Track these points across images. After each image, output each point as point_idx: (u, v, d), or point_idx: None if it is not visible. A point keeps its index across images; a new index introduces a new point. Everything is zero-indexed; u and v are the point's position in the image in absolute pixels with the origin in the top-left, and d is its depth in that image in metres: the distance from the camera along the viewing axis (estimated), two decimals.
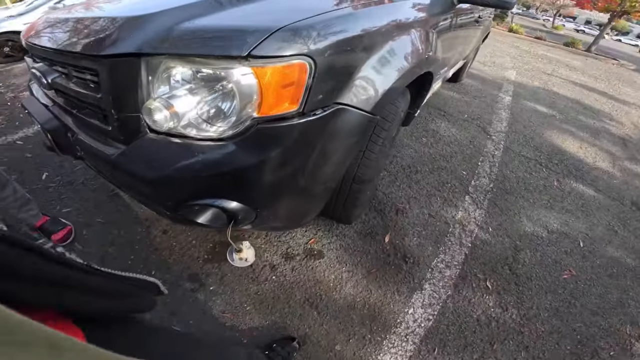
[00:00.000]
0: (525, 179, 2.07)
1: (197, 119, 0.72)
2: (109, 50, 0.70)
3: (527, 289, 1.38)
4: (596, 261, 1.59)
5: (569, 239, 1.69)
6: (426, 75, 1.36)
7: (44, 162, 1.86)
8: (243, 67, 0.62)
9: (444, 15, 1.39)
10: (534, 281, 1.43)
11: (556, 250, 1.61)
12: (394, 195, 1.74)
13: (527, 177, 2.10)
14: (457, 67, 2.80)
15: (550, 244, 1.64)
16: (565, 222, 1.80)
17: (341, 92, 0.75)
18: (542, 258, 1.55)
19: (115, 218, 1.49)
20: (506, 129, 2.64)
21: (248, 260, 1.27)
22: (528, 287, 1.40)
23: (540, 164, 2.26)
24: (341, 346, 1.11)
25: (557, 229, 1.74)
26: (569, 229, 1.76)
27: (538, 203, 1.89)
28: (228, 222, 0.87)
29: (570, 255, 1.60)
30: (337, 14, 0.74)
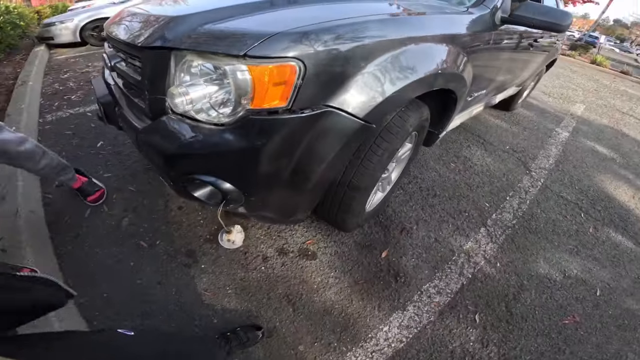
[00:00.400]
0: (557, 221, 1.88)
1: (205, 106, 0.83)
2: (149, 42, 0.85)
3: (518, 329, 1.27)
4: (608, 311, 1.41)
5: (586, 286, 1.52)
6: (448, 94, 1.35)
7: (103, 132, 2.21)
8: (240, 65, 0.72)
9: (479, 34, 1.35)
10: (528, 322, 1.31)
11: (566, 295, 1.45)
12: (403, 214, 1.71)
13: (559, 219, 1.90)
14: (506, 94, 2.65)
15: (562, 288, 1.48)
16: (587, 269, 1.61)
17: (332, 96, 0.81)
18: (547, 301, 1.41)
19: (144, 188, 1.71)
20: (551, 167, 2.41)
21: (235, 243, 1.35)
22: (519, 327, 1.28)
23: (580, 209, 2.03)
24: (305, 347, 1.12)
25: (575, 275, 1.56)
26: (589, 277, 1.57)
27: (563, 247, 1.72)
28: (221, 201, 0.97)
29: (580, 302, 1.43)
30: (335, 24, 0.81)
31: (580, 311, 1.39)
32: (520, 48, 1.96)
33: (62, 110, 2.55)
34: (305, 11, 0.97)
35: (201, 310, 1.18)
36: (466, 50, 1.27)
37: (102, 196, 1.60)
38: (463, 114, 2.00)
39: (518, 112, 3.41)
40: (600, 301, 1.46)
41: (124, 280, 1.24)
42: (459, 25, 1.24)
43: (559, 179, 2.28)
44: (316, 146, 0.86)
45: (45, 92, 2.93)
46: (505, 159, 2.41)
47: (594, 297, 1.47)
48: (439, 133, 1.67)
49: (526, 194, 2.06)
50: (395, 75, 0.90)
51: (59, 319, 1.03)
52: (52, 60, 4.18)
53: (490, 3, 1.45)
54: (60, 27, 5.00)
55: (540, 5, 1.44)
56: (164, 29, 0.86)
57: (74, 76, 3.44)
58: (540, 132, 2.97)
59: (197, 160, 0.87)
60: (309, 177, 0.94)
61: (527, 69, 2.46)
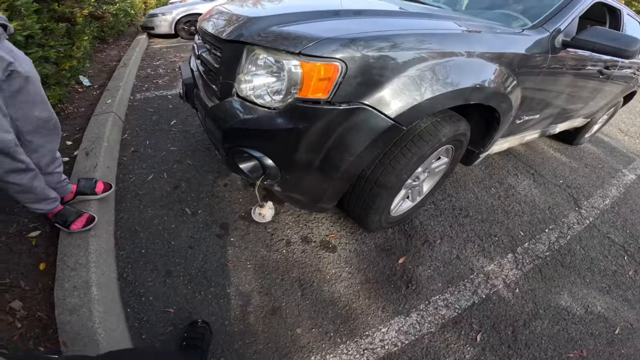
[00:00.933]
0: (595, 259, 1.75)
1: (263, 92, 1.01)
2: (231, 36, 1.06)
3: (517, 355, 1.23)
4: (622, 350, 1.31)
5: (606, 323, 1.42)
6: (491, 113, 1.36)
7: (178, 113, 2.60)
8: (295, 60, 0.88)
9: (531, 56, 1.35)
10: (531, 350, 1.26)
11: (581, 330, 1.37)
12: (430, 228, 1.73)
13: (598, 258, 1.76)
14: (569, 125, 2.47)
15: (580, 322, 1.40)
16: (613, 308, 1.49)
17: (368, 94, 0.93)
18: (559, 332, 1.34)
19: (199, 164, 1.99)
20: (605, 208, 2.19)
21: (265, 217, 1.50)
22: (519, 353, 1.24)
23: (625, 251, 1.83)
24: (302, 331, 1.19)
25: (598, 312, 1.46)
26: (612, 315, 1.46)
27: (594, 285, 1.60)
28: (260, 175, 1.13)
29: (594, 338, 1.34)
30: (378, 34, 0.93)
31: (591, 347, 1.31)
32: (586, 75, 1.85)
33: (149, 92, 3.05)
34: (361, 22, 1.11)
35: (219, 278, 1.32)
36: (514, 71, 1.29)
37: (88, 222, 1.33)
38: (512, 138, 1.94)
39: (583, 147, 3.12)
40: (616, 339, 1.36)
41: (162, 240, 1.45)
42: (507, 45, 1.26)
43: (611, 221, 2.07)
44: (348, 138, 0.98)
45: (139, 75, 3.51)
46: (554, 192, 2.25)
47: (610, 335, 1.37)
48: (479, 153, 1.66)
49: (569, 229, 1.93)
50: (429, 84, 0.99)
51: (98, 267, 1.21)
52: (149, 48, 4.94)
53: (551, 26, 1.44)
54: (161, 18, 5.70)
55: (607, 31, 1.40)
56: (241, 27, 1.06)
57: (164, 64, 4.04)
58: (603, 171, 2.70)
59: (249, 136, 1.05)
60: (339, 165, 1.06)
61: (597, 100, 2.27)
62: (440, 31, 1.12)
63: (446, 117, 1.23)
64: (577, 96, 1.98)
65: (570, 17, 1.51)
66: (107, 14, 4.26)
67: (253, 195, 1.75)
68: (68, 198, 1.42)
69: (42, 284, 1.16)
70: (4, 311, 1.05)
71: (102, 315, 1.06)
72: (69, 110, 2.35)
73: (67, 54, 2.58)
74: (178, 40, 5.75)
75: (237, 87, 1.06)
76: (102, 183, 1.54)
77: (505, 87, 1.26)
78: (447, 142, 1.28)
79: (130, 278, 1.28)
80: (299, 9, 1.22)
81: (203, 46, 1.39)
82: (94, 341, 0.98)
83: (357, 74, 0.89)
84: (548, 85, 1.60)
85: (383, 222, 1.47)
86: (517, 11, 1.66)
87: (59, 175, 1.35)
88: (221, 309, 1.21)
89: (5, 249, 1.23)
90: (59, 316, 1.04)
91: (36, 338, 1.01)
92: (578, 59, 1.67)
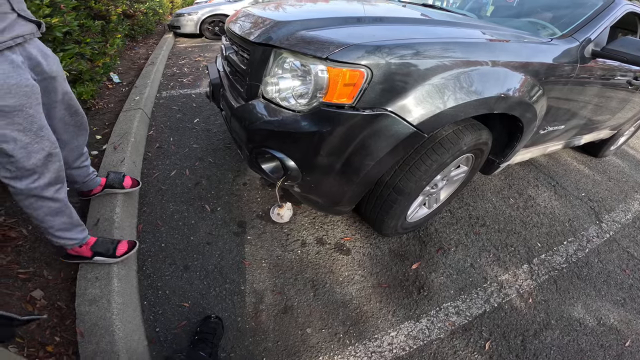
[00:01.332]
0: (613, 273, 1.70)
1: (288, 95, 1.04)
2: (259, 39, 1.10)
3: None
4: None
5: (617, 335, 1.39)
6: (515, 122, 1.35)
7: (200, 112, 2.68)
8: (321, 65, 0.91)
9: (559, 66, 1.33)
10: None
11: (592, 341, 1.34)
12: (445, 235, 1.72)
13: (615, 272, 1.71)
14: (595, 136, 2.40)
15: (591, 334, 1.38)
16: (627, 320, 1.46)
17: (391, 101, 0.95)
18: (569, 343, 1.32)
19: (220, 162, 2.05)
20: (627, 222, 2.11)
21: (283, 218, 1.52)
22: None
23: None
24: (312, 331, 1.20)
25: (611, 324, 1.43)
26: (625, 328, 1.42)
27: (609, 297, 1.56)
28: (282, 176, 1.16)
29: (604, 350, 1.32)
30: (403, 42, 0.95)
31: (600, 359, 1.29)
32: (614, 85, 1.80)
33: (174, 90, 3.15)
34: (384, 29, 1.13)
35: (235, 275, 1.35)
36: (541, 81, 1.27)
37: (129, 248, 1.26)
38: (534, 148, 1.90)
39: (608, 159, 3.01)
40: (626, 352, 1.33)
41: (181, 235, 1.50)
42: (533, 55, 1.25)
43: (631, 235, 2.01)
44: (370, 143, 1.00)
45: (165, 73, 3.64)
46: (575, 205, 2.19)
47: (620, 347, 1.35)
48: (499, 162, 1.64)
49: (588, 242, 1.88)
50: (452, 92, 0.99)
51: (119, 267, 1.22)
52: (175, 47, 5.10)
53: (581, 35, 1.42)
54: (187, 18, 5.85)
55: (638, 41, 1.36)
56: (269, 30, 1.10)
57: (189, 63, 4.17)
58: (627, 185, 2.60)
59: (273, 137, 1.08)
60: (359, 169, 1.08)
61: (624, 111, 2.20)
62: (465, 40, 1.12)
63: (468, 126, 1.22)
64: (604, 107, 1.93)
65: (602, 27, 1.49)
66: (138, 13, 4.41)
67: (271, 195, 1.79)
68: (97, 190, 1.45)
69: (65, 274, 1.20)
70: (24, 300, 1.07)
71: (120, 306, 1.08)
72: (100, 106, 2.46)
73: (101, 51, 2.68)
74: (202, 40, 5.91)
75: (264, 89, 1.10)
76: (130, 178, 1.57)
77: (530, 97, 1.25)
78: (468, 150, 1.27)
79: (149, 271, 1.33)
80: (324, 15, 1.25)
81: (230, 47, 1.43)
82: (110, 332, 1.01)
83: (382, 81, 0.91)
84: (575, 95, 1.57)
85: (399, 227, 1.47)
86: (546, 20, 1.65)
87: (86, 168, 1.37)
88: (234, 306, 1.24)
89: (32, 238, 1.29)
90: (79, 306, 1.07)
91: (53, 328, 1.03)
92: (607, 69, 1.63)
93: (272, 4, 1.64)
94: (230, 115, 1.26)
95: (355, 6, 1.55)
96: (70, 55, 2.00)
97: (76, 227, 1.11)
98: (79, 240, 1.12)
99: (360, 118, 0.95)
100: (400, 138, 0.99)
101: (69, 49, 2.02)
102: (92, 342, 0.99)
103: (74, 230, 1.10)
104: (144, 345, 1.07)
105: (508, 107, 1.19)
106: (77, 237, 1.11)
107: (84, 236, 1.14)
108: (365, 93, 0.91)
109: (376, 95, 0.93)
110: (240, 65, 1.26)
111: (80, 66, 2.10)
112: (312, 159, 1.06)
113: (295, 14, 1.36)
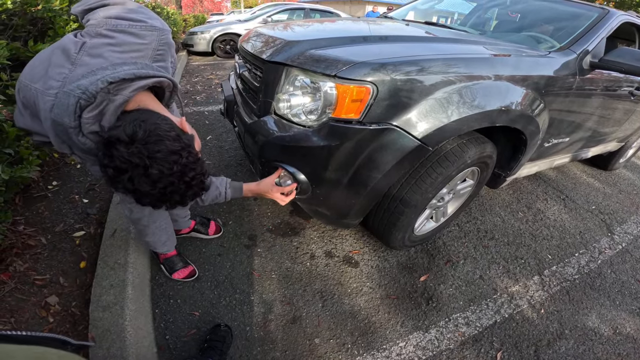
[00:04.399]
0: (627, 283, 1.67)
1: (299, 111, 1.10)
2: (271, 58, 1.17)
3: None
4: None
5: (635, 344, 1.35)
6: (519, 135, 1.37)
7: (214, 129, 2.78)
8: (330, 82, 0.97)
9: (558, 79, 1.36)
10: None
11: (608, 350, 1.31)
12: (453, 249, 1.72)
13: (630, 282, 1.68)
14: (603, 149, 2.40)
15: (607, 343, 1.34)
16: None
17: (396, 116, 0.99)
18: (584, 352, 1.29)
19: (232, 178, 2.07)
20: (639, 234, 2.07)
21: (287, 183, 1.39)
22: None
23: None
24: (320, 341, 1.21)
25: (627, 333, 1.40)
26: None
27: (624, 307, 1.53)
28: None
29: (622, 358, 1.29)
30: (407, 59, 1.00)
31: None
32: (617, 96, 1.81)
33: (188, 107, 3.29)
34: (390, 47, 1.19)
35: (245, 286, 1.37)
36: (541, 93, 1.30)
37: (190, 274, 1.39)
38: (541, 162, 1.91)
39: (618, 172, 2.98)
40: None
41: (193, 247, 1.54)
42: (532, 68, 1.28)
43: None
44: (377, 156, 1.04)
45: (179, 90, 3.80)
46: (586, 218, 2.16)
47: (639, 355, 1.31)
48: (506, 176, 1.66)
49: (600, 254, 1.85)
50: (455, 107, 1.04)
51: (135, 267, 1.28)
52: (189, 65, 5.33)
53: (578, 47, 1.44)
54: (200, 36, 6.04)
55: (635, 51, 1.40)
56: (281, 49, 1.17)
57: (202, 81, 4.35)
58: (638, 197, 2.57)
59: (284, 152, 1.13)
60: (367, 182, 1.11)
61: (630, 122, 2.19)
62: (466, 55, 1.17)
63: (472, 139, 1.25)
64: (608, 119, 1.94)
65: (598, 38, 1.52)
66: None
67: (281, 210, 1.83)
68: (185, 231, 1.53)
69: (80, 282, 1.24)
70: (39, 305, 1.11)
71: (132, 313, 1.11)
72: None
73: None
74: (214, 58, 6.12)
75: (276, 105, 1.16)
76: (215, 225, 1.62)
77: (532, 110, 1.28)
78: (473, 163, 1.30)
79: (161, 280, 1.36)
80: (332, 34, 1.33)
81: (244, 66, 1.51)
82: (121, 338, 1.03)
83: (387, 97, 0.96)
84: (577, 107, 1.59)
85: (406, 240, 1.48)
86: (545, 33, 1.69)
87: (185, 209, 1.43)
88: (244, 315, 1.26)
89: (49, 246, 1.33)
90: (92, 312, 1.10)
91: (65, 333, 1.05)
92: (607, 80, 1.65)
93: (281, 25, 1.74)
94: (243, 131, 1.31)
95: (361, 26, 1.63)
96: None
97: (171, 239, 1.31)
98: (166, 250, 1.34)
99: (367, 132, 0.99)
100: (405, 151, 1.03)
101: None
102: (103, 347, 1.01)
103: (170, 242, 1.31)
104: (153, 351, 1.09)
105: (510, 120, 1.22)
106: (162, 249, 1.32)
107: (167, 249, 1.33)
108: (372, 108, 0.96)
109: (382, 111, 0.97)
110: (254, 82, 1.33)
111: None
112: (321, 172, 1.10)
113: (304, 33, 1.44)
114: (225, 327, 1.18)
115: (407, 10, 2.42)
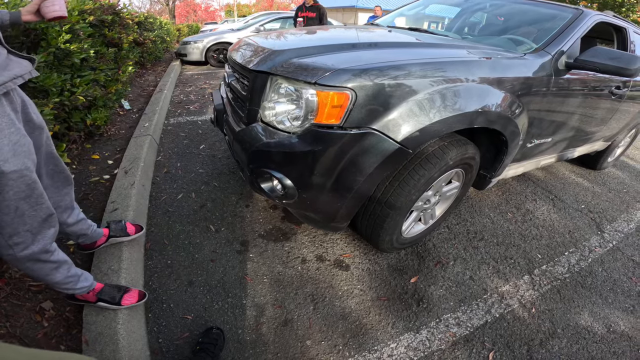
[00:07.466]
0: (618, 281, 1.69)
1: (284, 118, 1.14)
2: (257, 67, 1.22)
3: None
4: None
5: (630, 342, 1.36)
6: (499, 136, 1.41)
7: (207, 138, 2.81)
8: (311, 89, 1.01)
9: (533, 80, 1.38)
10: None
11: (603, 349, 1.32)
12: (443, 250, 1.74)
13: (621, 279, 1.70)
14: (589, 149, 2.43)
15: (601, 341, 1.35)
16: (638, 327, 1.44)
17: (376, 120, 1.03)
18: (578, 351, 1.30)
19: (224, 186, 2.14)
20: (630, 231, 2.10)
21: None
22: None
23: None
24: (311, 343, 1.22)
25: (622, 331, 1.41)
26: (636, 334, 1.41)
27: (617, 305, 1.55)
28: (280, 194, 1.23)
29: (617, 357, 1.30)
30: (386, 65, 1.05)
31: None
32: (596, 96, 1.84)
33: (182, 117, 3.33)
34: (374, 53, 1.24)
35: (237, 290, 1.39)
36: (518, 95, 1.33)
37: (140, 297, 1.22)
38: (526, 162, 1.95)
39: (607, 171, 3.02)
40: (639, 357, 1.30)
41: (187, 253, 1.56)
42: (507, 70, 1.31)
43: (636, 244, 2.01)
44: (358, 160, 1.08)
45: (173, 100, 3.84)
46: (575, 217, 2.20)
47: (635, 353, 1.32)
48: (491, 177, 1.69)
49: (590, 252, 1.88)
50: (433, 109, 1.08)
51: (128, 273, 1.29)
52: (182, 74, 5.38)
53: (553, 48, 1.47)
54: (193, 46, 6.09)
55: (608, 50, 1.42)
56: (267, 58, 1.22)
57: (195, 90, 4.41)
58: (628, 196, 2.60)
59: (271, 158, 1.16)
60: (351, 185, 1.14)
61: (613, 121, 2.22)
62: (442, 59, 1.21)
63: (454, 141, 1.29)
64: (591, 118, 1.97)
65: (572, 38, 1.54)
66: (147, 41, 4.65)
67: (272, 217, 1.85)
68: (101, 242, 1.37)
69: None
70: (34, 310, 1.13)
71: (126, 317, 1.13)
72: (112, 132, 2.62)
73: (114, 78, 2.83)
74: (208, 68, 6.18)
75: (262, 113, 1.20)
76: (132, 224, 1.50)
77: (510, 111, 1.32)
78: (455, 165, 1.33)
79: (155, 286, 1.38)
80: (318, 43, 1.37)
81: (232, 75, 1.55)
82: (114, 341, 1.04)
83: (366, 102, 1.00)
84: (556, 107, 1.62)
85: (395, 242, 1.50)
86: (525, 36, 1.72)
87: (84, 222, 1.27)
88: (236, 318, 1.28)
89: None
90: (86, 316, 1.12)
91: (59, 337, 1.08)
92: (585, 80, 1.67)
93: (273, 33, 1.79)
94: (232, 138, 1.35)
95: (346, 33, 1.68)
96: (87, 82, 2.13)
97: (80, 277, 1.07)
98: (87, 288, 1.09)
99: (348, 137, 1.03)
100: (386, 154, 1.07)
101: (85, 75, 2.15)
102: (96, 349, 1.03)
103: (79, 282, 1.07)
104: (146, 354, 1.10)
105: (488, 121, 1.25)
106: (84, 285, 1.08)
107: (90, 284, 1.11)
108: (352, 114, 1.00)
109: (362, 115, 1.01)
110: (241, 91, 1.37)
111: (95, 92, 2.22)
112: (307, 177, 1.13)
113: (292, 42, 1.49)
114: (217, 330, 1.19)
115: (392, 17, 2.49)
